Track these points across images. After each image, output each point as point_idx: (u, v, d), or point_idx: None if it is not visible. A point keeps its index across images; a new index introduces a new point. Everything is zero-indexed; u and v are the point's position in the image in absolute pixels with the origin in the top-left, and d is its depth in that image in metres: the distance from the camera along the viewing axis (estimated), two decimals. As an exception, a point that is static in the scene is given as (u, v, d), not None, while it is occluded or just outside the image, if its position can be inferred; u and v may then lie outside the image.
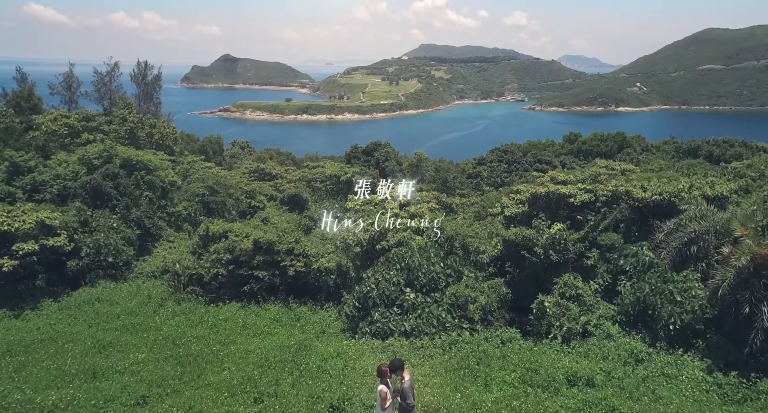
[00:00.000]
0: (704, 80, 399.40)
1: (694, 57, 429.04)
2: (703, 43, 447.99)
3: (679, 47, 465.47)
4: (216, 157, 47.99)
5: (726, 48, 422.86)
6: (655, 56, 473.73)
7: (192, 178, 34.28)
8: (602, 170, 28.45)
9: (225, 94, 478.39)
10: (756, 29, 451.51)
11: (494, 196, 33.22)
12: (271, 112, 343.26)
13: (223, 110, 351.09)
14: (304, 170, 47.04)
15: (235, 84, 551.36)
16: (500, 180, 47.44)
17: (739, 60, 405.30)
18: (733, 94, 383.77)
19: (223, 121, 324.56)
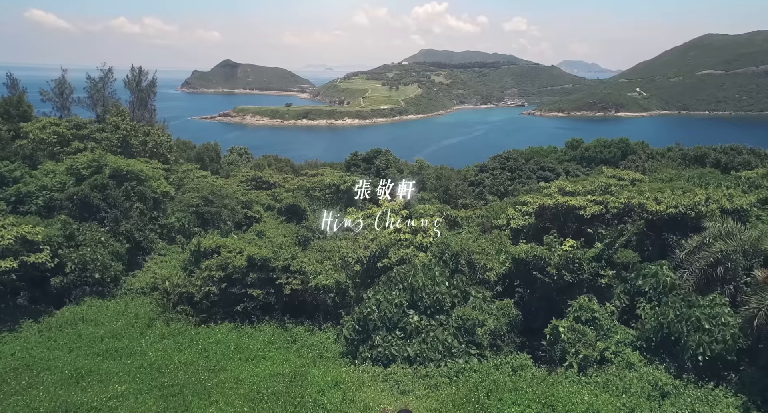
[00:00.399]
0: (703, 85, 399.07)
1: (693, 62, 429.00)
2: (702, 49, 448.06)
3: (678, 53, 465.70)
4: (213, 164, 46.81)
5: (725, 53, 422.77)
6: (655, 61, 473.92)
7: (186, 187, 33.10)
8: (612, 181, 27.29)
9: (225, 99, 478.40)
10: (755, 35, 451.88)
11: (499, 206, 32.02)
12: (271, 117, 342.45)
13: (223, 115, 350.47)
14: (303, 178, 45.90)
15: (236, 89, 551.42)
16: (503, 188, 46.26)
17: (738, 65, 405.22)
18: (732, 100, 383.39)
19: (224, 126, 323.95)
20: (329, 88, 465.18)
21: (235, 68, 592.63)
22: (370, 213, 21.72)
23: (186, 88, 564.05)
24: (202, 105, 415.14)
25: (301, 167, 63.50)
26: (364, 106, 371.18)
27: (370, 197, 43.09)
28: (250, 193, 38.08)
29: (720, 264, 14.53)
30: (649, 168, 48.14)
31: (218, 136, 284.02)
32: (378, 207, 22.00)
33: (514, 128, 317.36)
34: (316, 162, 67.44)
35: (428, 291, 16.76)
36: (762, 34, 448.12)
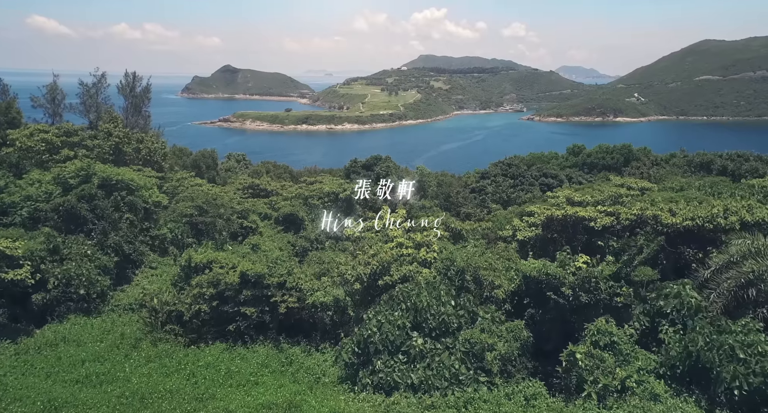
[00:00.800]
0: (701, 91, 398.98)
1: (691, 68, 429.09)
2: (699, 55, 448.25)
3: (676, 58, 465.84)
4: (209, 171, 45.56)
5: (722, 59, 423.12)
6: (653, 67, 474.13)
7: (180, 196, 31.85)
8: (623, 191, 26.06)
9: (225, 104, 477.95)
10: (751, 41, 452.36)
11: (503, 216, 30.81)
12: (270, 122, 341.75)
13: (223, 120, 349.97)
14: (302, 186, 44.69)
15: (236, 94, 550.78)
16: (506, 195, 45.04)
17: (735, 71, 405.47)
18: (730, 105, 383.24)
19: (223, 131, 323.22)
20: (329, 94, 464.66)
21: (235, 74, 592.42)
22: (370, 226, 20.48)
23: (186, 94, 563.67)
24: (202, 110, 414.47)
25: (299, 174, 62.34)
26: (363, 111, 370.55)
27: (370, 206, 41.96)
28: (246, 201, 36.86)
29: (752, 286, 13.31)
30: (654, 175, 46.96)
31: (218, 141, 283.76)
32: (379, 220, 20.77)
33: (512, 133, 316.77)
34: (315, 168, 66.24)
35: (433, 311, 15.51)
36: (759, 39, 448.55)
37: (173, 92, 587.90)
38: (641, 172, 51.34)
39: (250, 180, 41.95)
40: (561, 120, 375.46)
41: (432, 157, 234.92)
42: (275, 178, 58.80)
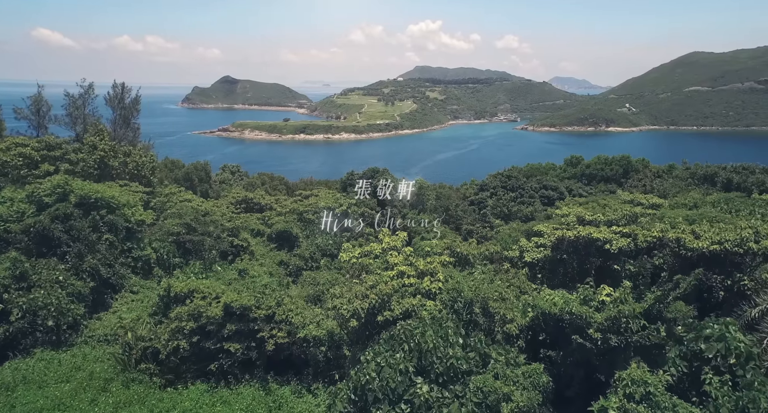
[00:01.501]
0: (691, 101, 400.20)
1: (680, 79, 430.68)
2: (689, 66, 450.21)
3: (666, 70, 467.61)
4: (202, 184, 43.35)
5: (711, 70, 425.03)
6: (643, 78, 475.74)
7: (168, 212, 29.65)
8: (638, 209, 23.98)
9: (225, 114, 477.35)
10: (739, 53, 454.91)
11: (507, 234, 28.69)
12: (269, 131, 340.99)
13: (223, 130, 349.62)
14: (297, 199, 42.57)
15: (235, 104, 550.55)
16: (507, 209, 42.98)
17: (724, 82, 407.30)
18: (719, 115, 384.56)
19: (222, 140, 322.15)
20: (326, 104, 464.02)
21: (234, 84, 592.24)
22: (368, 250, 18.28)
23: (186, 104, 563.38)
24: (201, 120, 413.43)
25: (295, 185, 60.21)
26: (360, 120, 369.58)
27: (368, 222, 39.77)
28: (239, 217, 34.65)
29: (814, 331, 11.20)
30: (657, 188, 44.99)
31: (217, 150, 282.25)
32: (377, 242, 18.58)
33: (507, 143, 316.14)
34: (311, 180, 64.11)
35: (440, 354, 13.28)
36: (746, 51, 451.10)
37: (174, 102, 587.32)
38: (643, 185, 49.39)
39: (244, 194, 39.75)
40: (554, 130, 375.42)
41: (428, 166, 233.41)
42: (271, 191, 56.68)
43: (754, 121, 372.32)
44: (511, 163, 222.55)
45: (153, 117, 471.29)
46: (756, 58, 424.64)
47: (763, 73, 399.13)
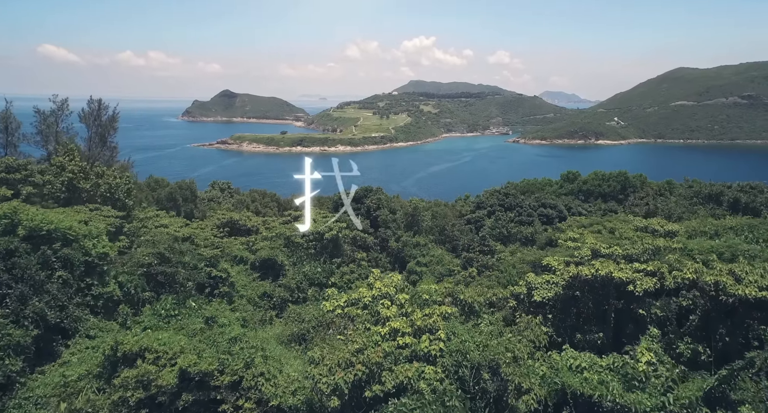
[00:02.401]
0: (677, 115, 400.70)
1: (667, 94, 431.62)
2: (674, 81, 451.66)
3: (652, 84, 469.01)
4: (187, 204, 40.07)
5: (696, 86, 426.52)
6: (631, 92, 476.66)
7: (141, 240, 26.38)
8: (661, 242, 20.85)
9: (223, 127, 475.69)
10: (723, 69, 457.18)
11: (511, 264, 25.55)
12: (266, 144, 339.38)
13: (221, 142, 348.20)
14: (286, 219, 39.38)
15: (234, 117, 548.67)
16: (506, 231, 39.90)
17: (708, 97, 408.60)
18: (704, 129, 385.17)
19: (221, 152, 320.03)
20: (323, 117, 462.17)
21: (233, 98, 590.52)
22: (356, 298, 15.07)
23: (186, 117, 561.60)
24: (201, 132, 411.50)
25: (287, 202, 56.92)
26: (356, 133, 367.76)
27: (360, 244, 36.59)
28: (221, 242, 31.42)
29: None
30: (661, 207, 42.04)
31: (215, 162, 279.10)
32: (367, 289, 15.40)
33: (499, 155, 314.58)
34: (305, 196, 60.73)
35: (443, 447, 10.16)
36: (729, 68, 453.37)
37: (174, 115, 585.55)
38: (646, 203, 46.44)
39: (229, 215, 36.47)
40: (545, 142, 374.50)
41: (422, 178, 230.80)
42: (261, 208, 53.46)
43: (739, 134, 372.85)
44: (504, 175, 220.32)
45: (153, 130, 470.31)
46: (739, 74, 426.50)
47: (745, 88, 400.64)
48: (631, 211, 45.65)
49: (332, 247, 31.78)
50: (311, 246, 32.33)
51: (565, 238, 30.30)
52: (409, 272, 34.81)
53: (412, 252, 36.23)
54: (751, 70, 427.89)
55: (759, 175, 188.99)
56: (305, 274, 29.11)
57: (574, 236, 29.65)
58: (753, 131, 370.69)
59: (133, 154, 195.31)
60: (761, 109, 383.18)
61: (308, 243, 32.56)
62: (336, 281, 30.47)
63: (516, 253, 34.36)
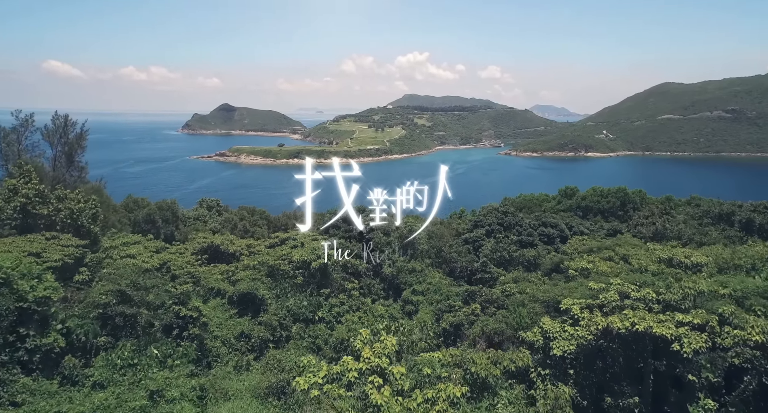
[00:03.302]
0: (664, 129, 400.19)
1: (653, 108, 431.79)
2: (661, 96, 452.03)
3: (639, 99, 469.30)
4: (167, 226, 36.30)
5: (682, 100, 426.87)
6: (619, 106, 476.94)
7: (102, 273, 22.65)
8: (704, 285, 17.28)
9: (222, 139, 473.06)
10: (707, 84, 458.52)
11: (520, 302, 21.91)
12: (264, 156, 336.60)
13: (220, 155, 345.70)
14: (273, 242, 35.68)
15: (232, 130, 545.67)
16: (507, 254, 36.35)
17: (694, 111, 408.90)
18: (690, 142, 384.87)
19: (219, 164, 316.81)
20: (319, 130, 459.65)
21: (232, 111, 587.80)
22: (339, 372, 11.42)
23: (186, 130, 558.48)
24: (200, 145, 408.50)
25: (278, 220, 53.31)
26: (351, 146, 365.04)
27: (352, 272, 32.93)
28: (198, 271, 27.68)
29: None
30: (670, 228, 38.59)
31: (214, 174, 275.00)
32: (353, 360, 11.76)
33: (491, 167, 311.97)
34: (296, 213, 57.17)
35: None
36: (713, 83, 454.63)
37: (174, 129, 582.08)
38: (651, 222, 43.00)
39: (210, 239, 32.72)
40: (536, 155, 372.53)
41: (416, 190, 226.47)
42: (251, 226, 49.75)
43: (724, 147, 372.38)
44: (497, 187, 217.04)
45: (154, 142, 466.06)
46: (722, 89, 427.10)
47: (729, 102, 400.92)
48: (637, 231, 42.23)
49: (320, 277, 28.11)
50: (297, 274, 28.59)
51: (576, 267, 26.76)
52: (405, 301, 31.16)
53: (408, 278, 32.60)
54: (734, 85, 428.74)
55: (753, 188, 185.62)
56: (289, 309, 25.42)
57: (585, 266, 26.06)
58: (737, 144, 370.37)
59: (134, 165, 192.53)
60: (745, 123, 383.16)
61: (294, 270, 28.81)
62: (324, 315, 26.80)
63: (520, 282, 30.81)
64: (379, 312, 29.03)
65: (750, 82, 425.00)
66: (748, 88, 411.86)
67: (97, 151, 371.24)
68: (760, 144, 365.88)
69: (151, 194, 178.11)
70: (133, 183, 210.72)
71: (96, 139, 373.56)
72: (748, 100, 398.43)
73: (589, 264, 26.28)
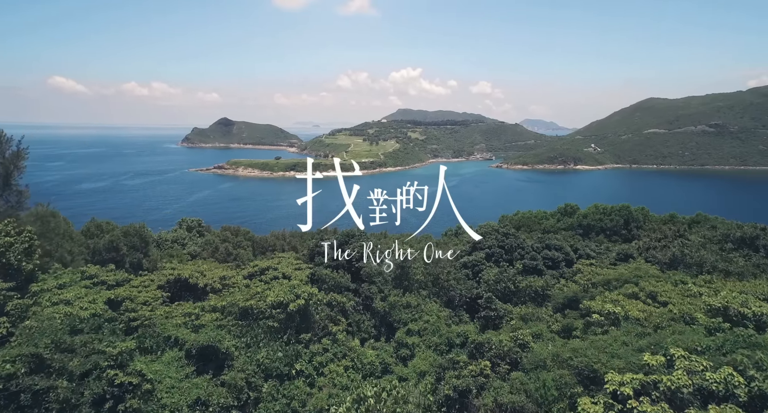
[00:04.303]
0: (650, 142, 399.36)
1: (639, 122, 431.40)
2: (646, 111, 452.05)
3: (626, 113, 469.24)
4: (134, 254, 31.28)
5: (666, 115, 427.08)
6: (606, 121, 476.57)
7: (21, 327, 17.64)
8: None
9: (221, 152, 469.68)
10: (691, 99, 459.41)
11: (540, 363, 17.05)
12: (261, 169, 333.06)
13: (218, 167, 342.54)
14: (252, 271, 30.73)
15: (231, 144, 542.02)
16: (513, 285, 31.55)
17: (678, 125, 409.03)
18: (676, 155, 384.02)
19: (217, 177, 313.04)
20: (316, 143, 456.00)
21: (230, 125, 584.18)
22: None
23: (186, 143, 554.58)
24: (199, 158, 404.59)
25: (264, 241, 48.32)
26: (346, 159, 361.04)
27: (340, 309, 27.97)
28: (154, 315, 22.67)
29: None
30: (689, 254, 33.85)
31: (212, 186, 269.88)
32: None
33: (483, 180, 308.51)
34: (284, 232, 52.26)
35: None
36: (696, 98, 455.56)
37: (174, 142, 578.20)
38: (664, 245, 38.30)
39: (179, 270, 27.71)
40: (527, 167, 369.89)
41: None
42: (234, 248, 44.77)
43: (708, 160, 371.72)
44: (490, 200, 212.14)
45: (154, 155, 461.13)
46: (705, 104, 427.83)
47: (712, 117, 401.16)
48: (650, 255, 37.59)
49: (300, 321, 23.13)
50: (274, 313, 23.59)
51: (599, 310, 22.00)
52: (399, 344, 26.16)
53: (402, 315, 27.64)
54: (716, 100, 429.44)
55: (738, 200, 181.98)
56: (260, 363, 20.40)
57: (611, 309, 21.27)
58: (721, 157, 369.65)
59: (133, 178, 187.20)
60: (728, 137, 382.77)
61: (271, 309, 23.81)
62: (303, 367, 21.77)
63: (531, 322, 25.98)
64: (368, 358, 24.02)
65: (732, 98, 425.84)
66: (730, 104, 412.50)
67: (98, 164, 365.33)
68: (742, 157, 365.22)
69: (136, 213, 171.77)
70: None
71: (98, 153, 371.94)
72: (730, 115, 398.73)
73: (615, 307, 21.53)
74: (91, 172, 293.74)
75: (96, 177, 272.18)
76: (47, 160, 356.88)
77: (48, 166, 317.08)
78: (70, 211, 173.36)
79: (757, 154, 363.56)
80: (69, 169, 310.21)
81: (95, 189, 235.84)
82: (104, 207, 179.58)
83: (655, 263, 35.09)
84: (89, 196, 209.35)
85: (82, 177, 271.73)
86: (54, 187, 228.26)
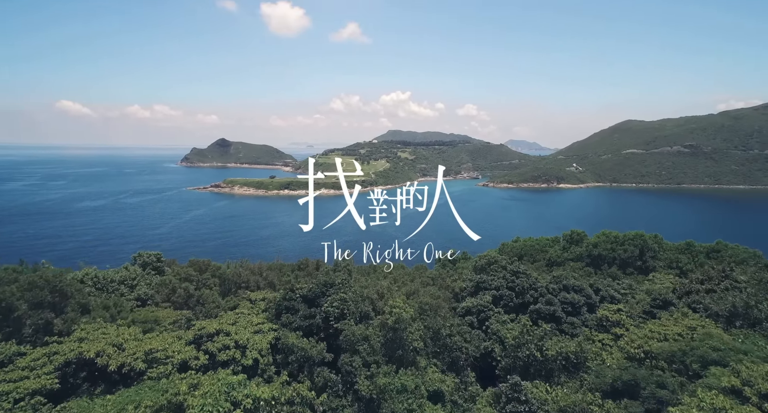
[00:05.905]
0: (629, 162, 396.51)
1: (618, 143, 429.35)
2: (624, 132, 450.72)
3: (605, 134, 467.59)
4: (40, 313, 22.41)
5: (644, 136, 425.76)
6: (587, 141, 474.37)
7: None
8: None
9: (218, 171, 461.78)
10: (666, 122, 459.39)
11: None
12: (256, 187, 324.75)
13: (215, 186, 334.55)
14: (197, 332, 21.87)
15: (228, 163, 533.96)
16: (540, 352, 22.93)
17: (655, 145, 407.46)
18: (653, 174, 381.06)
19: (214, 195, 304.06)
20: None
21: (228, 146, 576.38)
22: None
23: (185, 163, 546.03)
24: (197, 177, 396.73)
25: (236, 276, 39.51)
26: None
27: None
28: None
29: None
30: (749, 303, 25.57)
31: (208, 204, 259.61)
32: None
33: (471, 198, 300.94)
34: (260, 265, 43.57)
35: None
36: (672, 121, 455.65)
37: (174, 162, 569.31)
38: (710, 290, 30.01)
39: (78, 349, 18.89)
40: (512, 186, 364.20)
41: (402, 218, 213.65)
42: (196, 288, 35.99)
43: (684, 179, 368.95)
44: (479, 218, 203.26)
45: (154, 174, 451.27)
46: (680, 126, 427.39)
47: (687, 138, 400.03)
48: (694, 302, 29.34)
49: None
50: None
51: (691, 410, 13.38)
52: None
53: (395, 406, 18.95)
54: (690, 123, 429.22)
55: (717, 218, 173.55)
56: None
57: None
58: (696, 177, 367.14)
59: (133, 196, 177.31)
60: (702, 157, 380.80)
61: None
62: None
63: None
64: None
65: (704, 120, 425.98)
66: (703, 126, 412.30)
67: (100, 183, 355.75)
68: (716, 176, 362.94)
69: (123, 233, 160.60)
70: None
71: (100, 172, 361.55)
72: (703, 137, 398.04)
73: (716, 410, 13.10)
74: (92, 190, 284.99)
75: (96, 195, 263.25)
76: (50, 179, 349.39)
77: (51, 185, 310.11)
78: (71, 229, 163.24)
79: (729, 173, 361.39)
80: (71, 188, 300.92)
81: (95, 207, 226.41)
82: (102, 226, 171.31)
83: (707, 315, 26.82)
84: (87, 215, 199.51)
85: (83, 195, 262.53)
86: (54, 205, 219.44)
